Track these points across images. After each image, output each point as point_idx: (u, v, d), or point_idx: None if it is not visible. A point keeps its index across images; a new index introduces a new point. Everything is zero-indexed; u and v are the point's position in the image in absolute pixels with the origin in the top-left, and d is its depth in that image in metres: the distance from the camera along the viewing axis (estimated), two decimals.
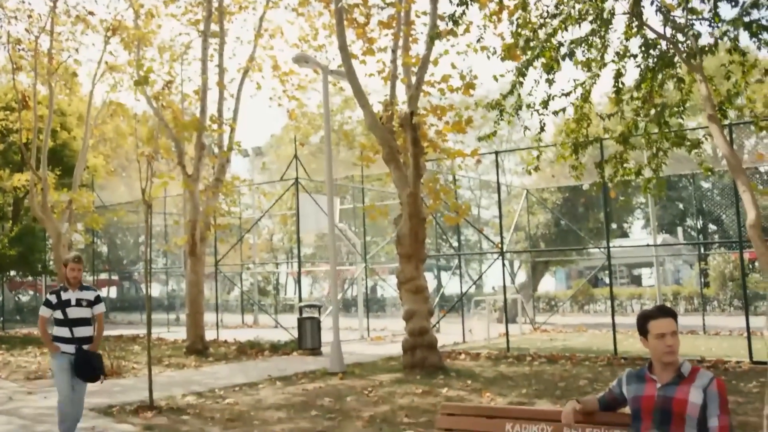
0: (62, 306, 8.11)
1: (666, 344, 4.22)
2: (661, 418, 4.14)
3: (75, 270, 8.16)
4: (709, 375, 4.19)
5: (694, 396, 4.11)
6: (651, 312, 4.33)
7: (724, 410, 4.09)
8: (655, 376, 4.29)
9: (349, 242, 25.17)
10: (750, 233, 6.07)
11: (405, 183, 14.15)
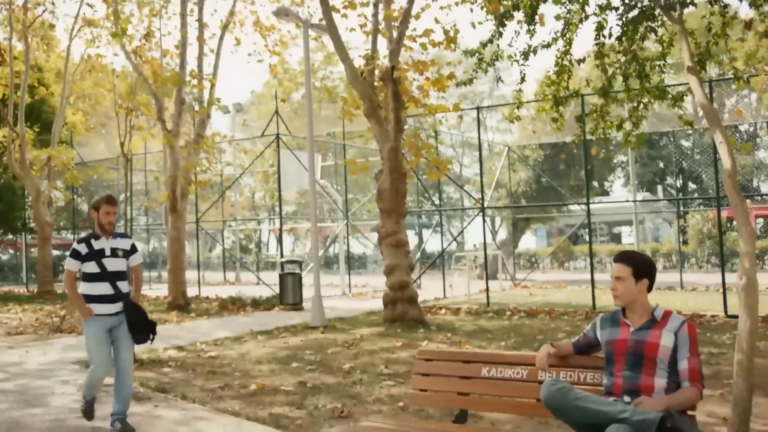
0: (96, 257, 6.68)
1: (611, 288, 4.38)
2: (633, 360, 4.21)
3: (110, 214, 6.75)
4: (680, 319, 4.26)
5: (665, 339, 4.18)
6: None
7: (694, 353, 4.17)
8: (629, 321, 4.36)
9: (331, 199, 25.15)
10: (726, 183, 6.12)
11: (386, 138, 14.13)
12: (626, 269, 4.32)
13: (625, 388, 4.16)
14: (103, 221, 6.74)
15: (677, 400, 4.04)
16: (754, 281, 5.71)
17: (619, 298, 4.35)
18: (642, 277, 4.33)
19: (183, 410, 7.61)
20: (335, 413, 7.23)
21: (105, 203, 6.72)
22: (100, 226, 6.77)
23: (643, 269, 4.34)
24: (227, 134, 25.76)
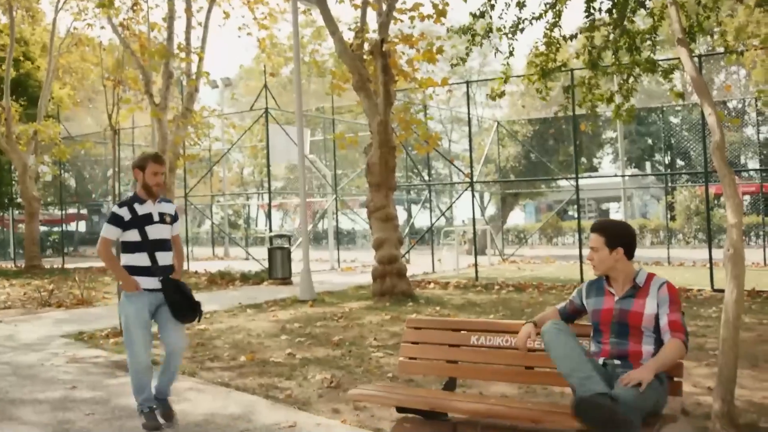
0: (139, 223, 5.79)
1: (587, 257, 4.39)
2: (619, 330, 4.22)
3: (158, 174, 5.86)
4: (660, 281, 4.26)
5: (649, 308, 4.19)
6: None
7: (674, 309, 4.16)
8: (613, 289, 4.36)
9: (320, 174, 25.10)
10: (714, 155, 6.13)
11: (375, 111, 14.09)
12: (599, 239, 4.32)
13: (612, 354, 4.19)
14: (150, 182, 5.83)
15: (662, 360, 4.02)
16: (741, 252, 5.75)
17: (596, 267, 4.36)
18: (616, 246, 4.30)
19: None
20: (324, 384, 7.27)
21: (152, 161, 5.86)
22: (145, 189, 5.87)
23: (616, 238, 4.31)
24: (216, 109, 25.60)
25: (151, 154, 5.95)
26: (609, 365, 4.16)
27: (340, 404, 6.50)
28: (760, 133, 30.03)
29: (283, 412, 6.28)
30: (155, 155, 5.97)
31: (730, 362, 5.54)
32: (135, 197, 5.90)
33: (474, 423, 4.55)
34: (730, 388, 5.50)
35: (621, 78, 9.48)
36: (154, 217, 5.84)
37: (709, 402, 5.84)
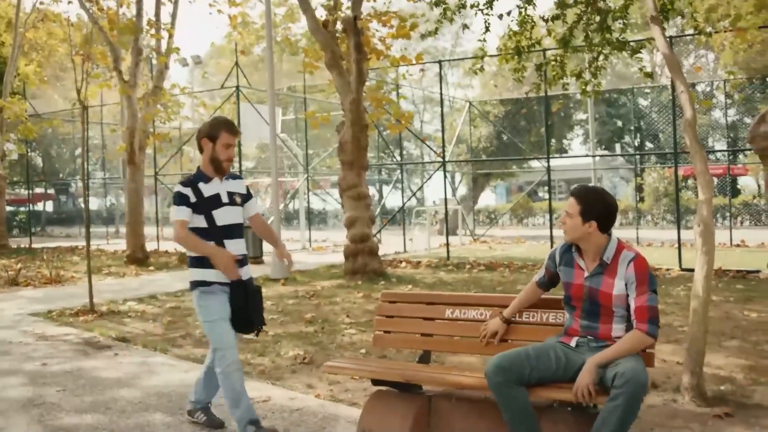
0: (206, 206, 4.79)
1: (560, 220, 4.23)
2: (590, 308, 4.11)
3: (231, 147, 4.84)
4: (629, 257, 4.07)
5: (617, 287, 4.04)
6: None
7: (642, 291, 3.98)
8: (582, 263, 4.19)
9: (291, 152, 24.97)
10: (686, 132, 6.19)
11: (348, 89, 14.02)
12: (576, 206, 4.11)
13: (583, 333, 4.14)
14: (222, 156, 4.79)
15: (616, 351, 3.92)
16: (711, 228, 5.82)
17: (566, 233, 4.19)
18: (590, 219, 4.08)
19: (144, 357, 7.58)
20: (298, 360, 7.27)
21: (226, 130, 4.80)
22: (213, 163, 4.81)
23: (593, 211, 4.08)
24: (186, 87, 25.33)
25: (226, 121, 4.88)
26: (583, 343, 4.12)
27: (313, 379, 6.51)
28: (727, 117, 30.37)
29: (258, 386, 6.26)
30: (230, 123, 4.89)
31: (699, 336, 5.63)
32: (199, 175, 4.85)
33: (449, 395, 4.58)
34: (699, 361, 5.59)
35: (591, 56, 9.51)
36: (222, 198, 4.83)
37: (678, 375, 5.93)
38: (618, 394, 3.70)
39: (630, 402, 3.70)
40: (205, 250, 4.73)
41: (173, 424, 5.25)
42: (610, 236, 4.17)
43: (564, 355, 4.07)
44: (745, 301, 10.24)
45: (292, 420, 5.27)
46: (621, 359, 3.86)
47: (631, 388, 3.68)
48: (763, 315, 9.16)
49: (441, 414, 4.34)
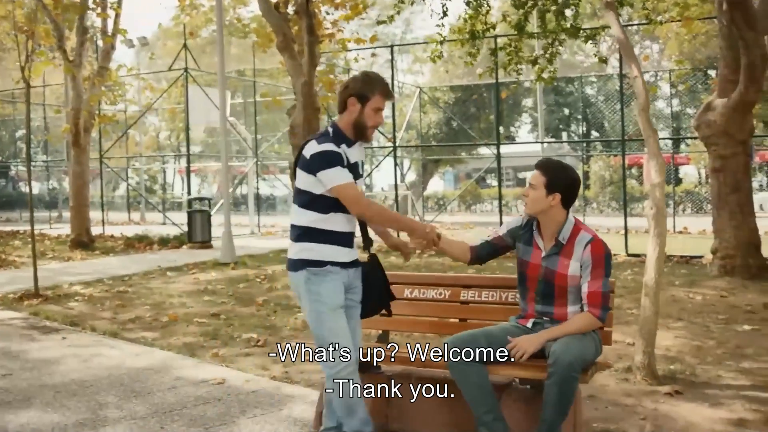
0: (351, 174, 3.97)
1: (522, 193, 4.18)
2: (545, 290, 4.09)
3: (380, 112, 4.02)
4: (586, 239, 4.04)
5: (573, 268, 4.02)
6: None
7: (596, 275, 3.97)
8: (540, 242, 4.15)
9: (240, 136, 24.70)
10: (640, 117, 6.28)
11: (299, 72, 13.88)
12: (541, 178, 4.03)
13: (539, 314, 4.14)
14: (369, 122, 3.98)
15: (564, 329, 3.93)
16: (663, 211, 5.93)
17: (528, 206, 4.11)
18: (555, 191, 4.01)
19: (94, 341, 7.44)
20: (251, 342, 7.21)
21: (380, 92, 3.97)
22: (356, 128, 3.99)
23: (558, 183, 4.01)
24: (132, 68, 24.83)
25: (381, 80, 4.03)
26: (539, 324, 4.11)
27: (267, 361, 6.46)
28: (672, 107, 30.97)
29: (211, 369, 6.20)
30: (385, 83, 4.05)
31: (651, 317, 5.74)
32: (340, 134, 3.98)
33: (408, 375, 4.58)
34: (651, 341, 5.70)
35: (546, 42, 9.59)
36: (359, 167, 4.11)
37: (629, 356, 6.04)
38: (551, 373, 3.75)
39: (562, 380, 3.71)
40: (403, 222, 4.27)
41: (126, 406, 5.16)
42: (568, 215, 4.13)
43: (521, 334, 4.08)
44: (689, 284, 10.47)
45: (248, 401, 5.22)
46: (564, 338, 3.88)
47: (559, 368, 3.70)
48: (707, 298, 9.39)
49: (401, 394, 4.33)
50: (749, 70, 10.20)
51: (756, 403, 5.04)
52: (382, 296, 4.22)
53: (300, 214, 4.01)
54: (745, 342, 6.89)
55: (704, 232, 19.13)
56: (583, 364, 3.81)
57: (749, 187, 11.30)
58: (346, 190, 3.85)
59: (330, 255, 3.95)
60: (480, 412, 3.90)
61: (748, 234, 10.92)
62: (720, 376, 5.75)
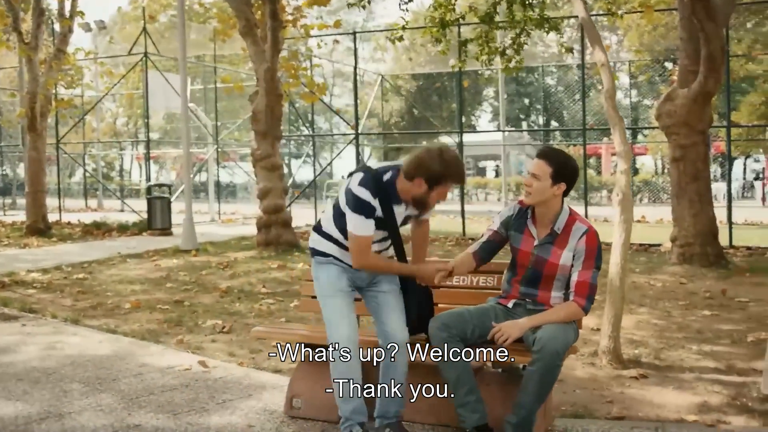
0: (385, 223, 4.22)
1: (525, 183, 4.08)
2: (532, 276, 4.10)
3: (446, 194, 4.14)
4: (582, 230, 4.03)
5: (565, 258, 4.01)
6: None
7: (588, 266, 3.97)
8: (534, 230, 4.12)
9: (200, 122, 24.42)
10: (606, 104, 6.33)
11: (262, 58, 13.76)
12: (546, 168, 3.94)
13: (522, 296, 4.15)
14: (432, 203, 4.10)
15: (548, 316, 3.94)
16: (629, 197, 6.00)
17: (531, 196, 4.02)
18: (560, 181, 3.96)
19: (55, 328, 7.30)
20: (217, 329, 7.14)
21: (452, 180, 3.98)
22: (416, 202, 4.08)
23: (565, 173, 3.97)
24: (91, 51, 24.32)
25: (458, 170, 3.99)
26: (521, 305, 4.13)
27: (234, 348, 6.41)
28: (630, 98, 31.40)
29: (177, 355, 6.12)
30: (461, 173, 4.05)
31: (617, 302, 5.81)
32: (395, 194, 4.05)
33: None
34: (616, 326, 5.77)
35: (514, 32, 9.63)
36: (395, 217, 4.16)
37: (594, 341, 6.11)
38: (535, 360, 3.75)
39: (545, 368, 3.74)
40: (410, 271, 4.21)
41: (92, 394, 5.07)
42: (563, 204, 4.11)
43: (503, 315, 4.10)
44: (649, 272, 10.64)
45: (216, 388, 5.17)
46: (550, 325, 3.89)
47: (545, 355, 3.72)
48: (667, 285, 9.55)
49: (371, 379, 4.32)
50: (709, 61, 10.35)
51: (719, 385, 5.14)
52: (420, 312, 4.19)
53: (330, 222, 4.17)
54: (705, 327, 7.02)
55: (661, 221, 19.42)
56: (566, 352, 3.84)
57: (708, 177, 11.48)
58: (357, 241, 3.96)
59: (338, 254, 4.13)
60: (461, 393, 3.91)
61: (706, 222, 11.10)
62: (683, 360, 5.85)
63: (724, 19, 10.88)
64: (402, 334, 4.01)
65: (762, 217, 20.69)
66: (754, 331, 6.74)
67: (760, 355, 5.91)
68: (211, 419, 4.49)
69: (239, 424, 4.41)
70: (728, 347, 6.26)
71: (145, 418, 4.53)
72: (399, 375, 4.02)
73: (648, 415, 4.58)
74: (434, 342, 3.95)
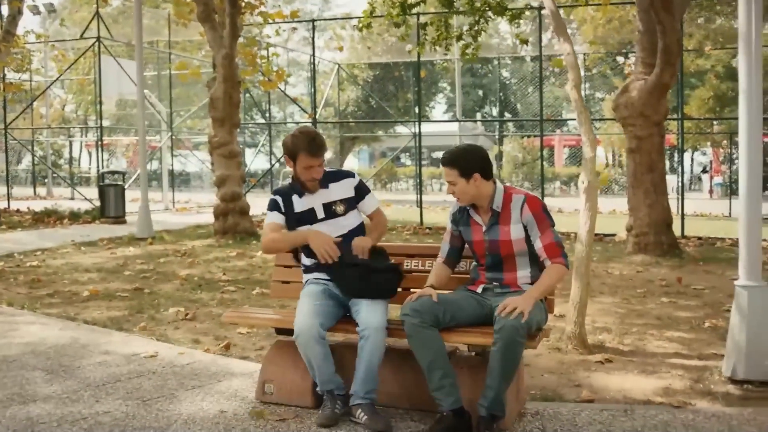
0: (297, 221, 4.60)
1: (448, 192, 4.21)
2: (493, 261, 4.14)
3: (312, 168, 4.40)
4: (519, 200, 4.10)
5: (515, 233, 4.07)
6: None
7: (544, 228, 4.05)
8: (479, 218, 4.20)
9: (154, 109, 24.04)
10: (571, 94, 6.40)
11: (220, 44, 13.60)
12: (453, 172, 4.09)
13: (489, 280, 4.18)
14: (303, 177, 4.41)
15: (543, 287, 4.01)
16: (594, 184, 6.07)
17: (460, 200, 4.17)
18: (472, 174, 4.06)
19: (11, 316, 7.13)
20: (179, 316, 7.05)
21: (303, 152, 4.30)
22: (299, 182, 4.48)
23: (469, 166, 4.07)
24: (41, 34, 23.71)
25: (306, 141, 4.30)
26: (489, 290, 4.16)
27: (198, 335, 6.34)
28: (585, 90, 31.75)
29: (141, 342, 6.04)
30: (310, 143, 4.31)
31: (582, 288, 5.89)
32: (297, 186, 4.51)
33: (350, 344, 4.57)
34: (582, 311, 5.85)
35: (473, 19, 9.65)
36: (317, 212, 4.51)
37: (558, 328, 6.18)
38: (496, 339, 3.78)
39: (506, 347, 3.75)
40: (303, 237, 4.36)
41: (56, 381, 4.97)
42: (496, 184, 4.16)
43: (474, 300, 4.13)
44: (606, 261, 10.81)
45: (184, 374, 5.11)
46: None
47: (505, 333, 3.73)
48: (624, 273, 9.72)
49: (344, 363, 4.31)
50: (665, 54, 10.52)
51: (681, 369, 5.25)
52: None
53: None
54: (664, 313, 7.17)
55: (614, 212, 19.75)
56: (528, 329, 3.85)
57: (663, 168, 11.68)
58: (265, 228, 4.54)
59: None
60: (436, 377, 3.92)
61: (661, 212, 11.31)
62: (646, 345, 5.96)
63: (680, 12, 11.07)
64: (376, 320, 4.09)
65: (709, 208, 21.15)
66: (711, 318, 6.90)
67: (718, 339, 6.06)
68: (182, 406, 4.44)
69: (211, 410, 4.36)
70: (687, 333, 6.40)
71: (113, 404, 4.46)
72: (372, 357, 4.09)
73: (616, 398, 4.65)
74: (407, 327, 3.96)
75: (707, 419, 4.19)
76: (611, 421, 4.14)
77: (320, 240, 4.27)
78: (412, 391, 4.29)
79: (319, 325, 4.11)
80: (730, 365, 4.95)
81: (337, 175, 4.54)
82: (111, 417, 4.24)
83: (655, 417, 4.22)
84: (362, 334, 4.09)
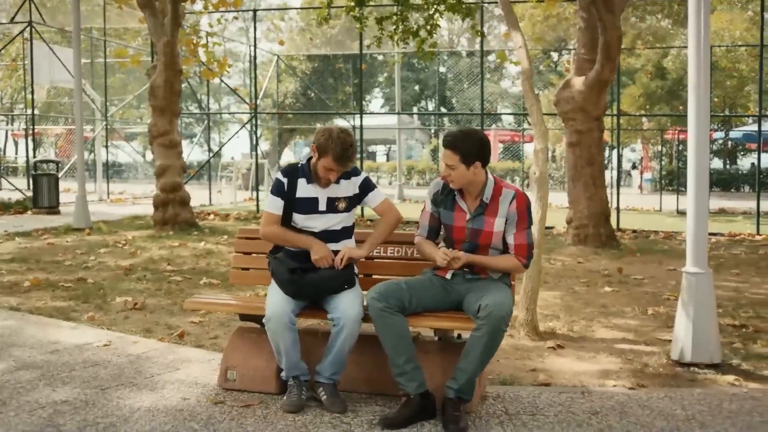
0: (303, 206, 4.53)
1: (442, 175, 4.22)
2: (468, 248, 4.17)
3: (332, 173, 4.37)
4: (510, 195, 4.17)
5: (498, 225, 4.15)
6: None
7: (521, 227, 4.14)
8: (465, 204, 4.22)
9: (89, 98, 23.48)
10: (523, 85, 6.53)
11: (161, 31, 13.37)
12: (454, 156, 4.07)
13: (460, 267, 4.20)
14: (320, 173, 4.36)
15: (494, 263, 4.15)
16: (545, 175, 6.20)
17: (454, 183, 4.17)
18: (474, 161, 4.07)
19: None
20: (128, 306, 6.94)
21: (333, 157, 4.25)
22: (314, 172, 4.42)
23: (473, 153, 4.07)
24: None
25: (340, 148, 4.22)
26: (459, 275, 4.21)
27: (149, 325, 6.26)
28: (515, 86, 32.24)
29: (92, 332, 5.93)
30: (342, 152, 4.25)
31: (534, 276, 6.02)
32: (309, 171, 4.44)
33: (314, 331, 4.59)
34: (534, 299, 5.98)
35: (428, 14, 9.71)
36: (318, 204, 4.44)
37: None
38: (481, 325, 3.85)
39: (492, 334, 3.84)
40: (305, 242, 4.34)
41: (7, 371, 4.85)
42: (487, 174, 4.22)
43: (441, 286, 4.19)
44: (547, 252, 10.99)
45: (141, 363, 5.04)
46: (489, 292, 3.99)
47: (493, 320, 3.82)
48: (566, 264, 9.94)
49: (307, 349, 4.32)
50: (606, 50, 10.78)
51: (630, 354, 5.42)
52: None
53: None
54: (609, 302, 7.37)
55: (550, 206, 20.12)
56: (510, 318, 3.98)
57: (602, 161, 11.98)
58: (263, 215, 4.47)
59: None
60: (400, 361, 3.96)
61: (599, 205, 11.59)
62: (594, 332, 6.13)
63: (620, 9, 11.34)
64: (353, 311, 4.13)
65: (640, 203, 21.75)
66: (652, 305, 7.14)
67: (662, 325, 6.28)
68: (143, 394, 4.39)
69: (173, 398, 4.32)
70: (632, 320, 6.60)
71: (71, 393, 4.38)
72: (344, 345, 4.13)
73: (571, 382, 4.78)
74: (372, 311, 4.00)
75: (660, 399, 4.35)
76: (570, 403, 4.26)
77: (321, 253, 4.26)
78: (373, 376, 4.34)
79: (290, 312, 4.16)
80: (678, 349, 5.13)
81: (348, 172, 4.42)
82: (71, 406, 4.17)
83: (612, 398, 4.36)
84: (337, 322, 4.12)
